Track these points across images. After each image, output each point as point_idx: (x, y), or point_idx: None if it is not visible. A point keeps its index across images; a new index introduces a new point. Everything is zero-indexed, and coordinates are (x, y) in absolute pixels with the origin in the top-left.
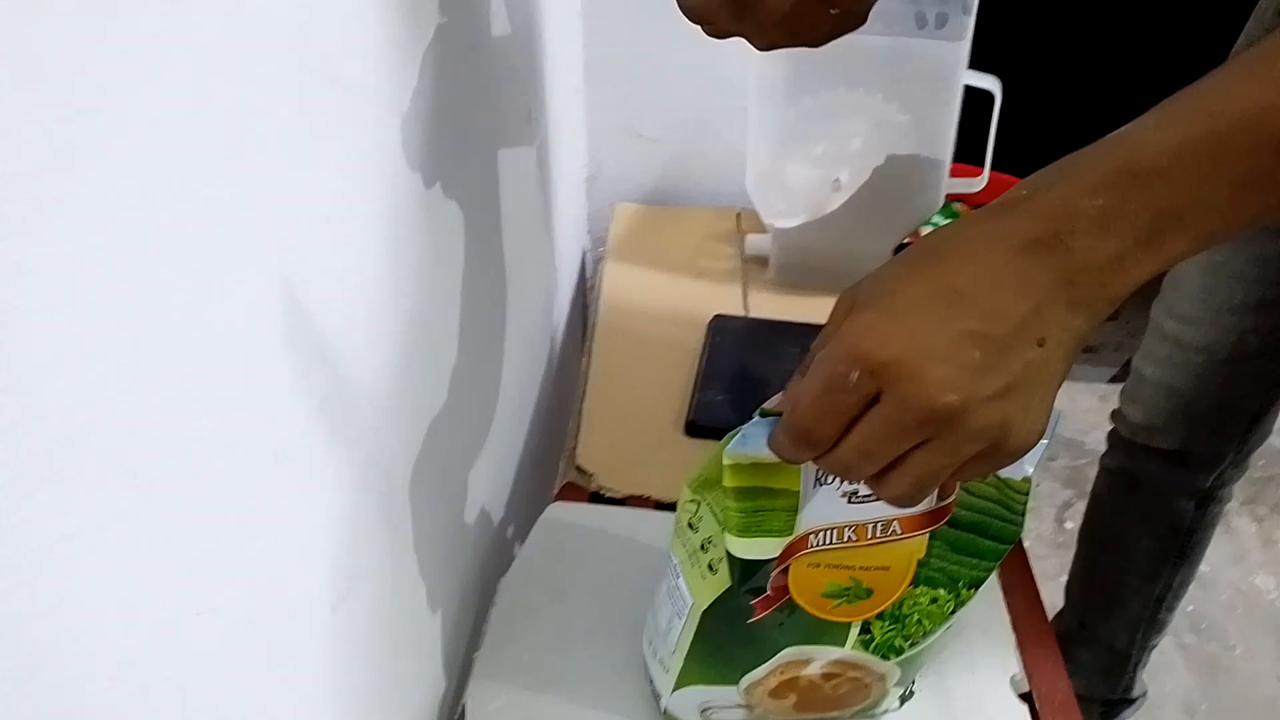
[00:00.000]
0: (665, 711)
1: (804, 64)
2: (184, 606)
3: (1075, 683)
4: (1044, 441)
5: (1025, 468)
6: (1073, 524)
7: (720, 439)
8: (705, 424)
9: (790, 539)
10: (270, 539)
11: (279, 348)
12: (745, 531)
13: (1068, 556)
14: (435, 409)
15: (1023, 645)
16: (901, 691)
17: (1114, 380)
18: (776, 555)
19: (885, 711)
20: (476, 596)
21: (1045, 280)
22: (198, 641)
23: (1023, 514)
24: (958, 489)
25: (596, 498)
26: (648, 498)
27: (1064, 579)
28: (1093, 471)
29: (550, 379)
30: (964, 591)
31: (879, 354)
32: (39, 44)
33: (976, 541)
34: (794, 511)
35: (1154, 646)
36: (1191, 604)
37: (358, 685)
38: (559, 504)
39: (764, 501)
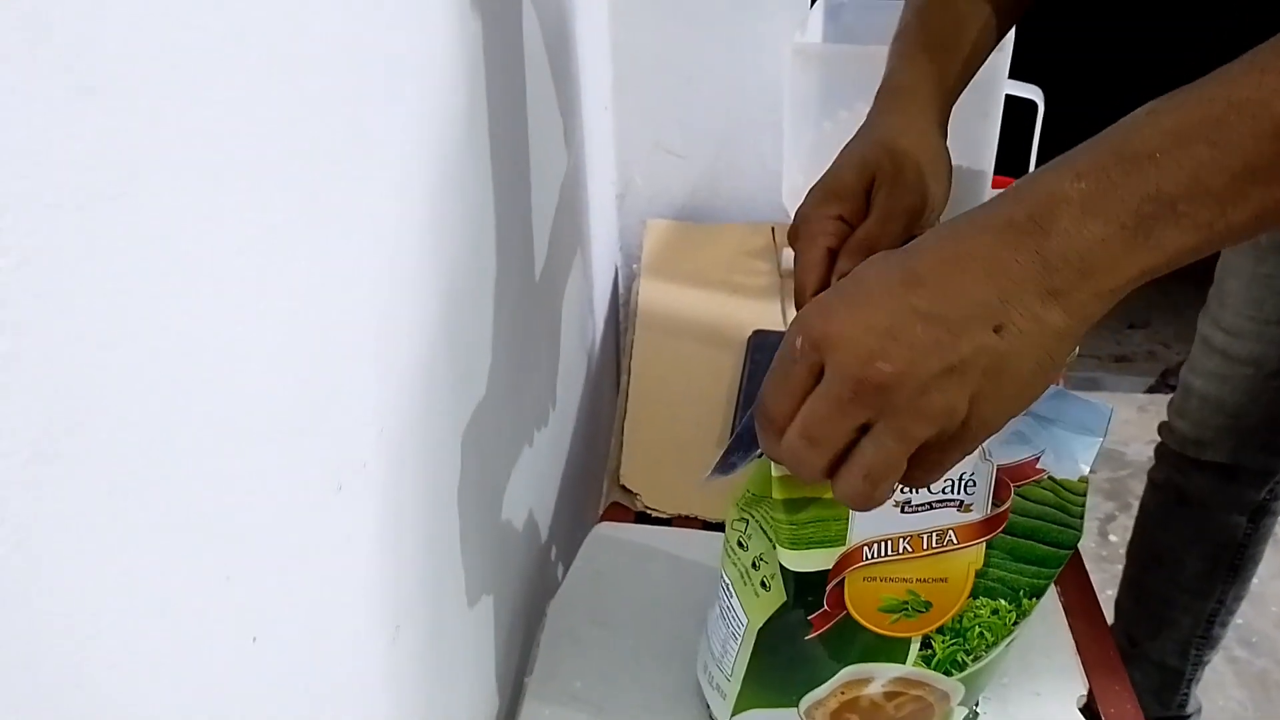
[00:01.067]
0: None
1: (839, 77)
2: (243, 634)
3: None
4: (1099, 439)
5: (1080, 467)
6: (1116, 537)
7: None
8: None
9: (844, 549)
10: (330, 569)
11: (340, 380)
12: (797, 544)
13: (1112, 571)
14: (477, 431)
15: (1088, 666)
16: (966, 713)
17: (1151, 390)
18: (830, 567)
19: None
20: (523, 619)
21: (1015, 264)
22: (256, 671)
23: (1081, 516)
24: (1011, 496)
25: (643, 518)
26: (695, 518)
27: (1110, 593)
28: (1135, 483)
29: (586, 398)
30: (1025, 601)
31: (822, 326)
32: (99, 50)
33: (1035, 548)
34: (844, 520)
35: (1207, 663)
36: (1241, 618)
37: (412, 713)
38: (605, 524)
39: (815, 512)
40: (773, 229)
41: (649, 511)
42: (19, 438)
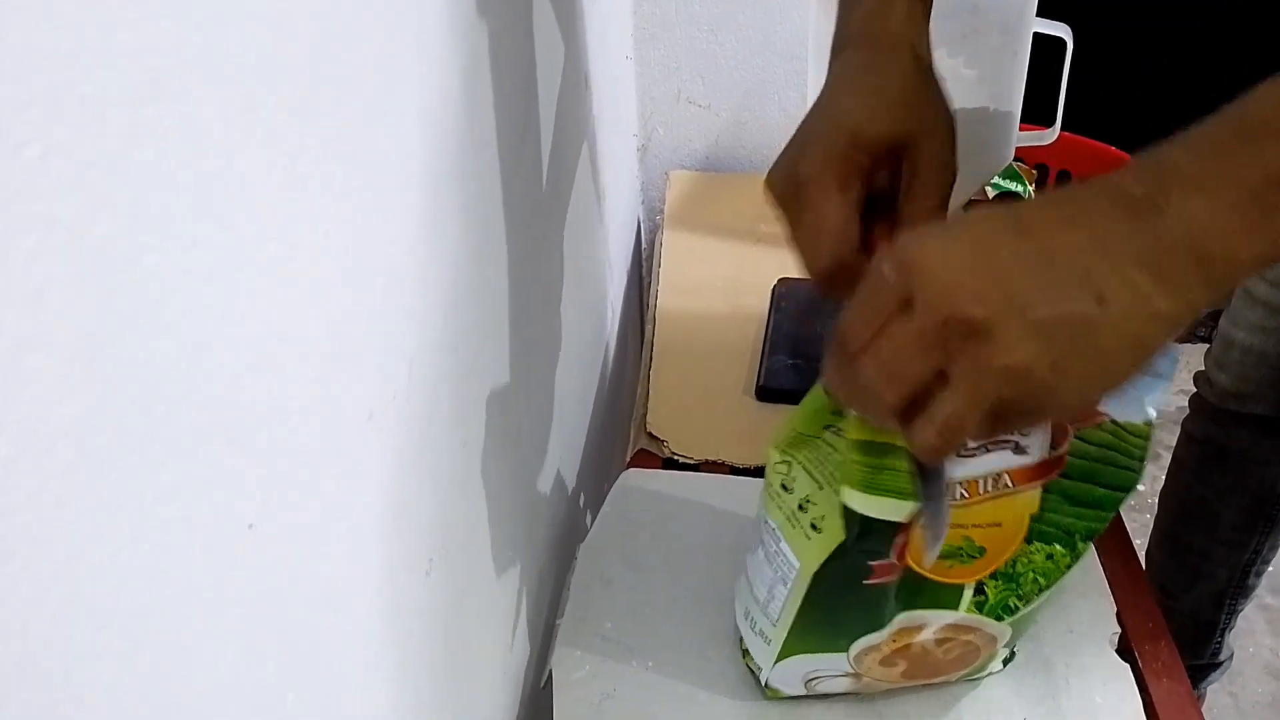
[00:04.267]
0: (766, 684)
1: None
2: (283, 567)
3: None
4: (1166, 382)
5: (1147, 410)
6: (1144, 487)
7: (791, 402)
8: (776, 388)
9: (915, 505)
10: (363, 497)
11: (364, 313)
12: (869, 488)
13: (1140, 520)
14: (504, 377)
15: (1122, 607)
16: (1005, 654)
17: (1179, 341)
18: (902, 519)
19: (988, 674)
20: (553, 564)
21: (1127, 239)
22: (294, 604)
23: (1143, 459)
24: (1069, 440)
25: (670, 464)
26: (722, 463)
27: (1139, 542)
28: (1162, 434)
29: (611, 348)
30: (1080, 545)
31: (920, 255)
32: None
33: (1092, 491)
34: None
35: (1240, 611)
36: (1272, 565)
37: (445, 650)
38: (633, 470)
39: (889, 460)
40: None
41: (676, 457)
42: (52, 341)
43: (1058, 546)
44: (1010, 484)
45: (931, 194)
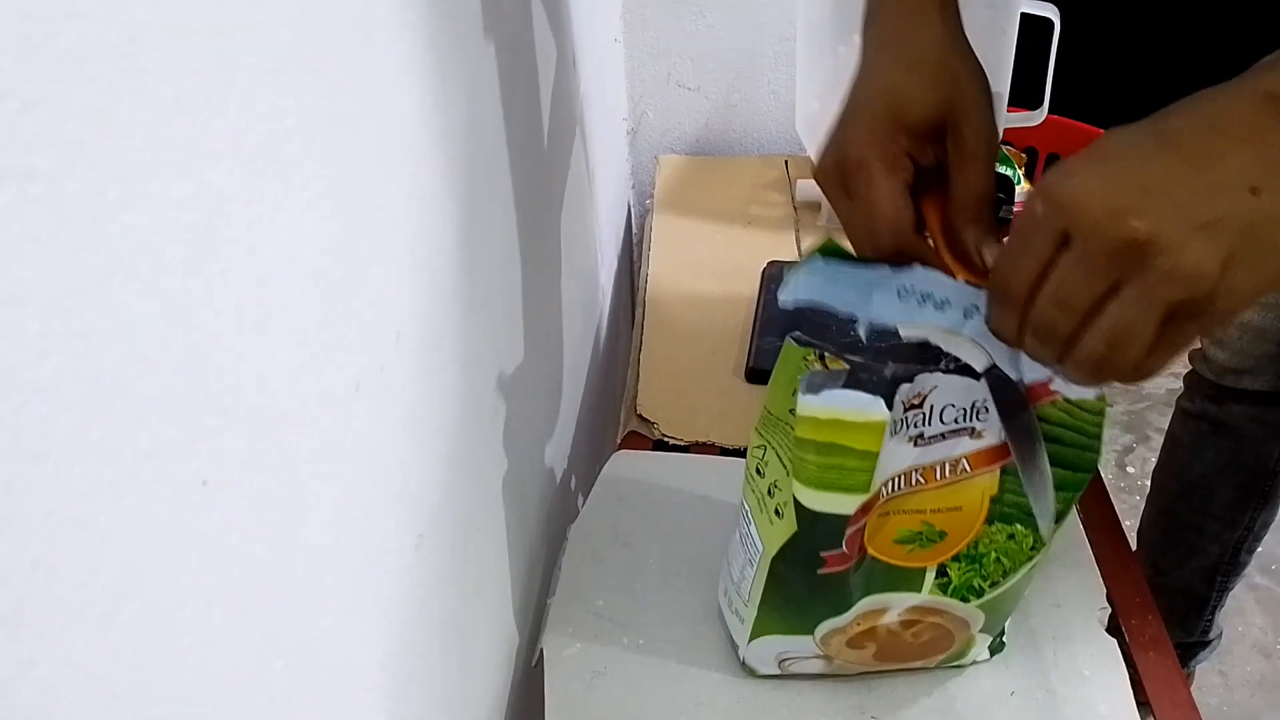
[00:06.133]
0: (743, 662)
1: (851, 1)
2: (269, 540)
3: None
4: None
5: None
6: (1134, 469)
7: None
8: (766, 370)
9: (867, 497)
10: (353, 472)
11: (349, 280)
12: (820, 485)
13: (1131, 501)
14: (493, 357)
15: (1109, 581)
16: (990, 641)
17: None
18: (851, 513)
19: (974, 662)
20: (544, 544)
21: (1269, 133)
22: (281, 576)
23: (1099, 438)
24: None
25: (660, 445)
26: (712, 444)
27: (1128, 523)
28: (1153, 415)
29: (603, 330)
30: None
31: (1069, 188)
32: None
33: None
34: (871, 471)
35: (1231, 589)
36: (1262, 546)
37: (436, 627)
38: (623, 452)
39: (840, 459)
40: (786, 161)
41: (666, 439)
42: (30, 295)
43: (1019, 527)
44: (968, 468)
45: (979, 164)
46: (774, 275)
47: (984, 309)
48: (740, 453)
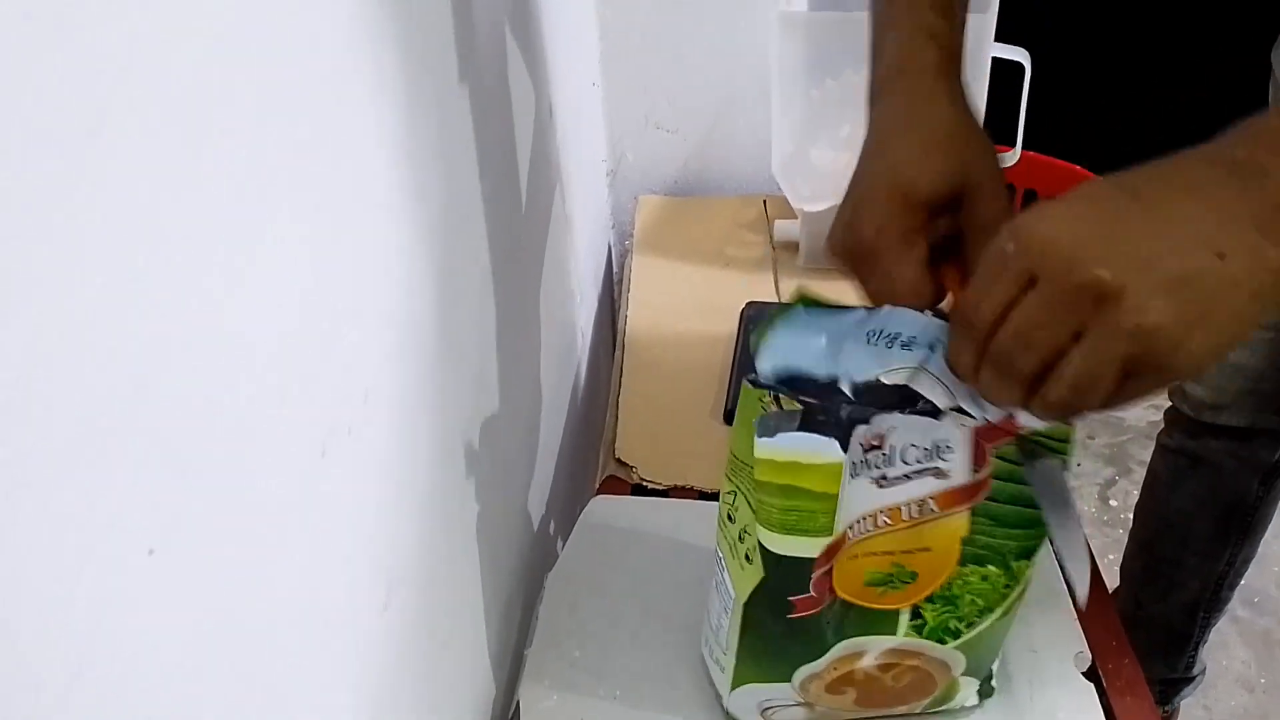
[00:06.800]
0: (727, 712)
1: (825, 45)
2: (232, 602)
3: None
4: None
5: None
6: (1117, 502)
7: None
8: None
9: (831, 540)
10: (317, 537)
11: (319, 343)
12: (784, 529)
13: (1113, 535)
14: (468, 406)
15: (1085, 623)
16: (977, 685)
17: None
18: (816, 556)
19: (962, 708)
20: (521, 593)
21: (1236, 200)
22: (245, 643)
23: (1065, 465)
24: (989, 460)
25: (639, 490)
26: (690, 488)
27: (1111, 557)
28: (1135, 448)
29: (581, 374)
30: (1015, 564)
31: (1039, 229)
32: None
33: (1023, 512)
34: (832, 513)
35: (1214, 625)
36: (1244, 579)
37: (408, 686)
38: (601, 497)
39: (801, 501)
40: (764, 201)
41: (645, 483)
42: None
43: (991, 568)
44: (935, 509)
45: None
46: (753, 316)
47: (943, 346)
48: (718, 497)
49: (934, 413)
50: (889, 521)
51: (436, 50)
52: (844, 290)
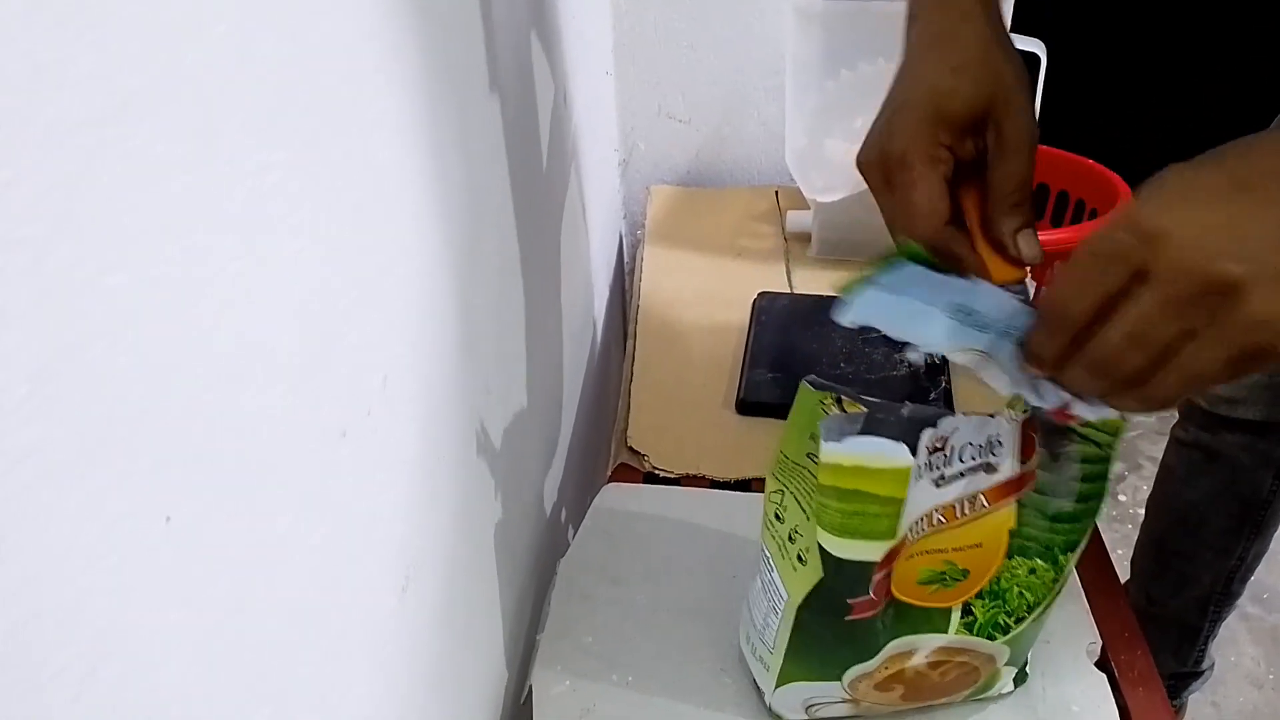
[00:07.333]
0: (770, 709)
1: (841, 37)
2: (251, 582)
3: None
4: None
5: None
6: (1126, 497)
7: (771, 415)
8: (756, 401)
9: (893, 544)
10: (337, 519)
11: (335, 329)
12: (845, 532)
13: (1123, 531)
14: (483, 394)
15: (1097, 616)
16: (1015, 673)
17: None
18: (878, 559)
19: (999, 694)
20: (534, 580)
21: None
22: (264, 625)
23: (1112, 460)
24: (1037, 451)
25: (651, 478)
26: (703, 476)
27: (1120, 552)
28: (1145, 444)
29: (594, 364)
30: (1061, 557)
31: (1152, 220)
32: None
33: (1064, 505)
34: (897, 517)
35: (1223, 620)
36: (1255, 574)
37: (423, 670)
38: (614, 485)
39: (865, 505)
40: (776, 192)
41: (657, 472)
42: (17, 361)
43: (1039, 561)
44: (986, 503)
45: (1019, 156)
46: (764, 307)
47: (1016, 333)
48: (731, 485)
49: (948, 409)
50: (944, 520)
51: (456, 36)
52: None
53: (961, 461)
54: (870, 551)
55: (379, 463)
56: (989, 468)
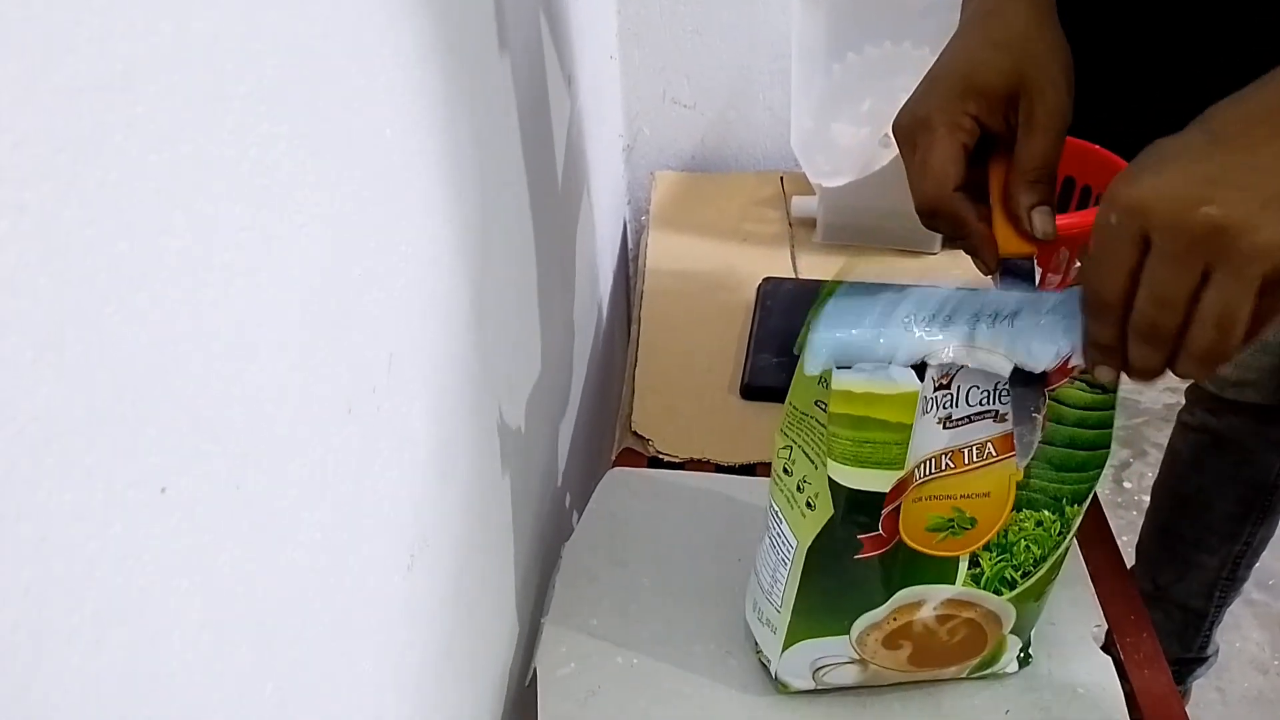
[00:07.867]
0: (776, 678)
1: (847, 20)
2: (257, 556)
3: None
4: None
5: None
6: (1131, 484)
7: (776, 400)
8: (761, 386)
9: (901, 474)
10: (342, 495)
11: (341, 304)
12: (856, 461)
13: (1128, 518)
14: (487, 376)
15: (1103, 598)
16: (1019, 649)
17: None
18: (887, 490)
19: (1004, 672)
20: (539, 562)
21: None
22: (270, 599)
23: (1112, 416)
24: (1045, 401)
25: (655, 462)
26: (707, 461)
27: (1125, 539)
28: (1150, 430)
29: (599, 348)
30: (1069, 509)
31: (1134, 192)
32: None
33: (1073, 455)
34: (905, 445)
35: (1228, 605)
36: (1260, 559)
37: (429, 650)
38: (618, 469)
39: (875, 433)
40: (781, 177)
41: (661, 456)
42: (24, 325)
43: (1046, 513)
44: (994, 451)
45: (1046, 135)
46: (769, 292)
47: (988, 312)
48: (735, 470)
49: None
50: (951, 465)
51: (464, 17)
52: (862, 266)
53: (969, 404)
54: (880, 481)
55: (385, 440)
56: (997, 416)
